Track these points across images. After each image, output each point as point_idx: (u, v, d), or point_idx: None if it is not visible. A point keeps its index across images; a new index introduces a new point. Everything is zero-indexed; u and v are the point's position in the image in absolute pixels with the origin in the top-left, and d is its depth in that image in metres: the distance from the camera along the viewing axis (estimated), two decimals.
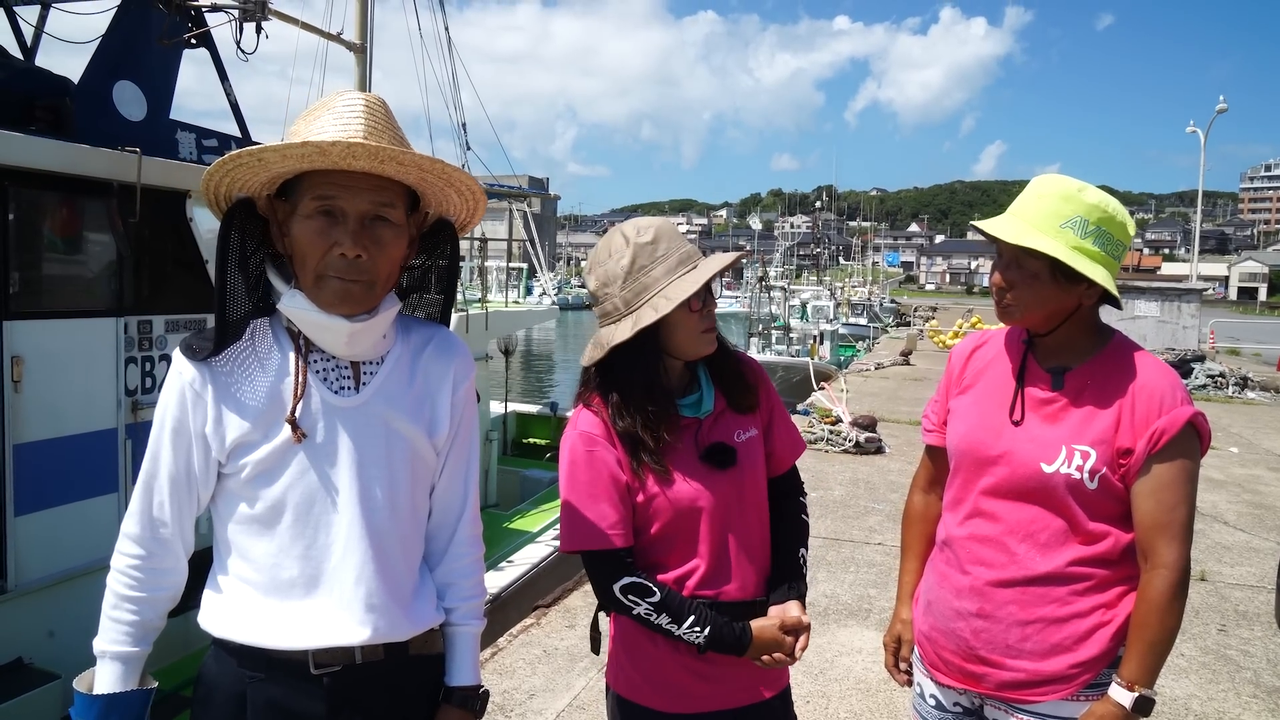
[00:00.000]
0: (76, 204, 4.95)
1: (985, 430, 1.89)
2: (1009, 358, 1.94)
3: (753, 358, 2.06)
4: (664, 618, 1.81)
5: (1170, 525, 1.72)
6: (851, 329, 37.55)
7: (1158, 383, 1.76)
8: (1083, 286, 1.78)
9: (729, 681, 1.90)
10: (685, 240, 1.87)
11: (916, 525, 2.15)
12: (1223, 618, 5.23)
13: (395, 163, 1.48)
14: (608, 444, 1.84)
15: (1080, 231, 1.75)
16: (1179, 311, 21.19)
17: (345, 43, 9.40)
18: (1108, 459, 1.75)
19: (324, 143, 1.43)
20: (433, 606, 1.66)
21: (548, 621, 4.93)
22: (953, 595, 1.91)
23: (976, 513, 1.89)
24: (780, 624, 1.86)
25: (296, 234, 1.50)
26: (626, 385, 1.84)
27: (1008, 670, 1.83)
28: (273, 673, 1.52)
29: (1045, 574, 1.80)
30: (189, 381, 1.51)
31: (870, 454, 9.67)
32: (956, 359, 2.07)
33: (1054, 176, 1.83)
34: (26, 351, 4.60)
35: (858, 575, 5.81)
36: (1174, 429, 1.71)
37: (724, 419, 1.92)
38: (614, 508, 1.83)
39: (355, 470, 1.54)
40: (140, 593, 1.54)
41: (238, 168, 1.47)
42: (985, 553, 1.86)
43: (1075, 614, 1.79)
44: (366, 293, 1.52)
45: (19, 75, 5.31)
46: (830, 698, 4.12)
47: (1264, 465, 9.76)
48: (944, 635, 1.93)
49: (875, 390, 15.23)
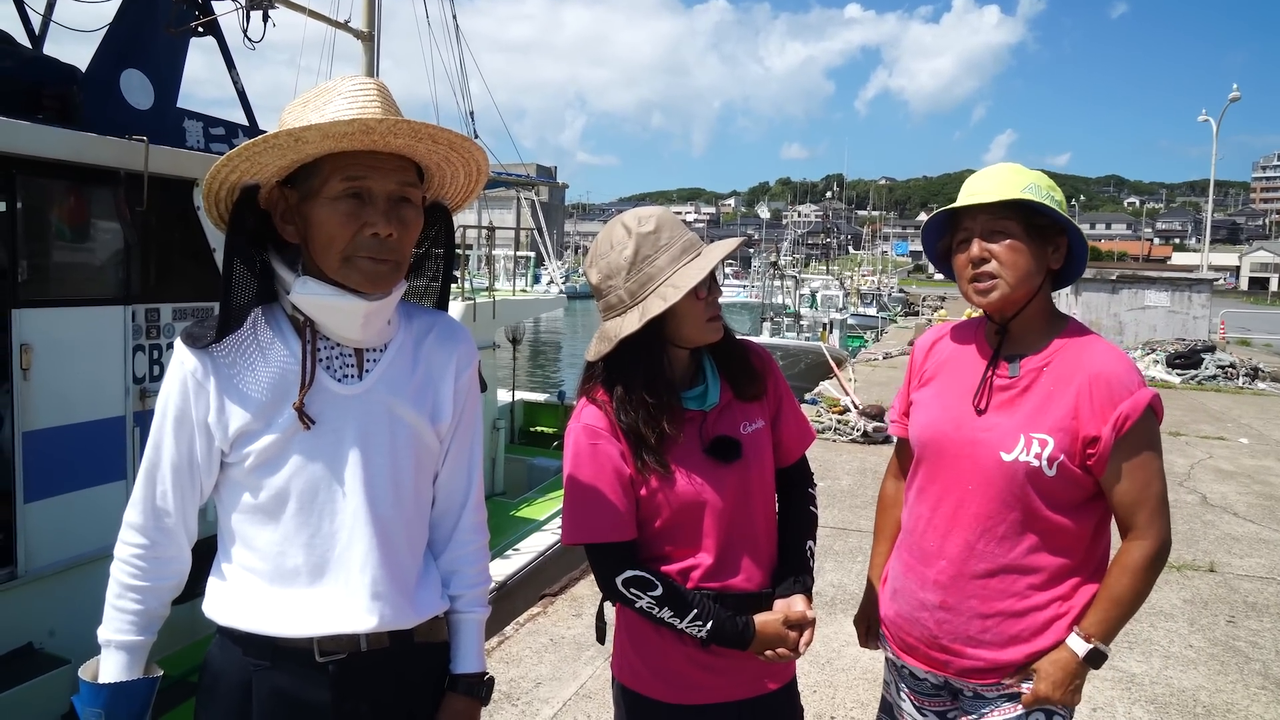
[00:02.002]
0: (84, 192, 4.96)
1: (946, 421, 1.93)
2: (969, 347, 1.99)
3: (760, 345, 2.05)
4: (666, 611, 1.80)
5: (1149, 500, 1.79)
6: (860, 319, 37.50)
7: (1114, 368, 1.80)
8: (1049, 249, 1.86)
9: (733, 673, 1.88)
10: (686, 228, 1.86)
11: (889, 511, 2.21)
12: (1231, 609, 5.21)
13: (430, 140, 1.50)
14: (611, 437, 1.83)
15: (1038, 194, 1.82)
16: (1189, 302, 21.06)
17: (353, 31, 9.40)
18: (1066, 446, 1.78)
19: (371, 119, 1.41)
20: (437, 594, 1.66)
21: (554, 610, 4.94)
22: (917, 586, 1.96)
23: (939, 503, 1.93)
24: (784, 618, 1.85)
25: (320, 217, 1.47)
26: (630, 378, 1.82)
27: (968, 659, 1.89)
28: (278, 661, 1.52)
29: (1003, 565, 1.84)
30: (191, 371, 1.51)
31: (878, 443, 9.65)
32: (919, 351, 2.12)
33: (992, 166, 1.92)
34: (35, 340, 4.63)
35: (865, 565, 5.79)
36: (1137, 413, 1.76)
37: (730, 411, 1.90)
38: (617, 501, 1.82)
39: (359, 458, 1.54)
40: (144, 581, 1.54)
41: (268, 149, 1.44)
42: (947, 544, 1.90)
43: (1033, 607, 1.84)
44: (394, 273, 1.52)
45: (27, 64, 5.32)
46: (837, 687, 4.13)
47: (1274, 456, 9.71)
48: (909, 623, 1.98)
49: (884, 380, 15.20)
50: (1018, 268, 1.83)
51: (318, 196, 1.47)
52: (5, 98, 4.86)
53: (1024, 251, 1.83)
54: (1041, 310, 1.89)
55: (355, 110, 1.46)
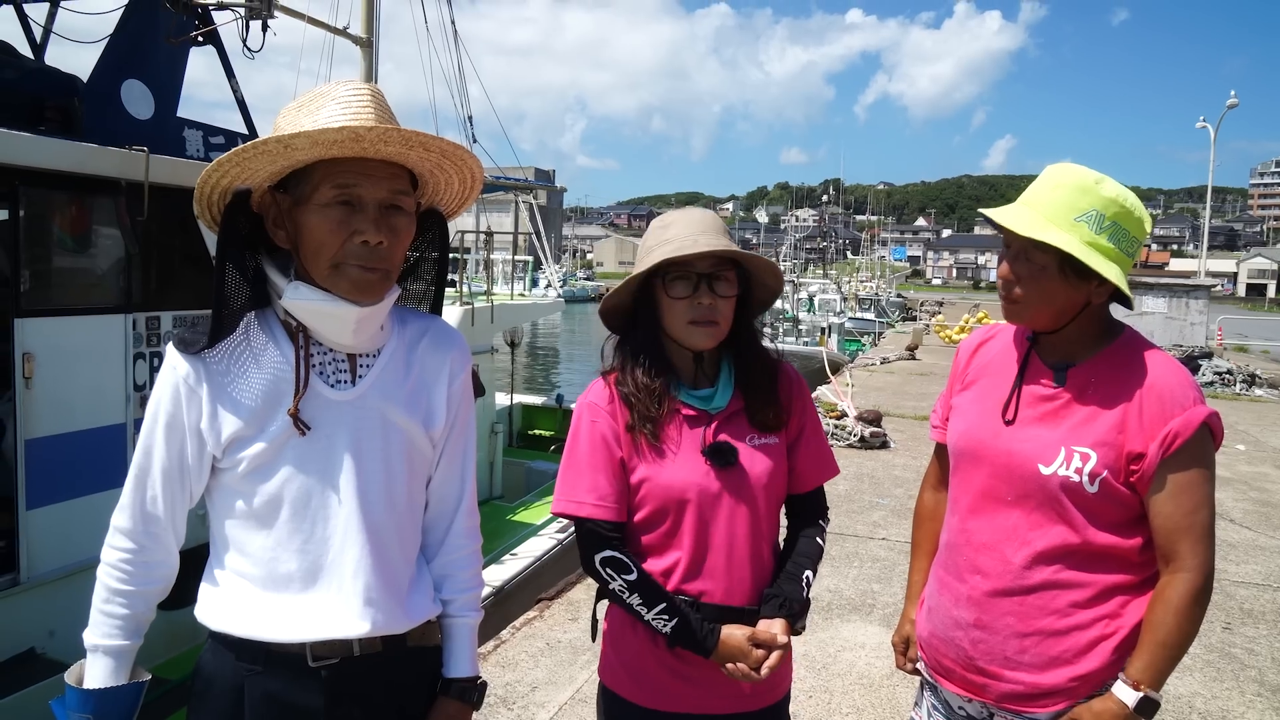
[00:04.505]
0: (85, 202, 5.00)
1: (983, 429, 1.83)
2: (1013, 353, 1.88)
3: (798, 374, 2.02)
4: (636, 598, 1.81)
5: (1192, 529, 1.64)
6: (857, 323, 37.51)
7: (1167, 382, 1.67)
8: (1093, 284, 1.70)
9: (709, 685, 1.86)
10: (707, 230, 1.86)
11: (926, 524, 2.11)
12: (1228, 616, 5.22)
13: (423, 148, 1.49)
14: (610, 416, 1.88)
15: (1095, 226, 1.67)
16: (1186, 308, 21.09)
17: (351, 37, 9.43)
18: (1110, 462, 1.67)
19: (360, 127, 1.41)
20: (430, 599, 1.67)
21: (550, 614, 4.96)
22: (951, 604, 1.87)
23: (974, 515, 1.84)
24: (751, 635, 1.81)
25: (311, 224, 1.47)
26: (632, 356, 1.90)
27: (1006, 682, 1.78)
28: (270, 666, 1.53)
29: (1042, 582, 1.74)
30: (183, 376, 1.50)
31: (875, 449, 9.66)
32: (962, 354, 2.01)
33: (1071, 166, 1.74)
34: (37, 348, 4.66)
35: (861, 570, 5.83)
36: (1188, 431, 1.63)
37: (739, 420, 1.90)
38: (607, 480, 1.85)
39: (352, 464, 1.54)
40: (131, 586, 1.55)
41: (258, 155, 1.44)
42: (982, 559, 1.81)
43: (1076, 626, 1.72)
44: (383, 281, 1.52)
45: (29, 75, 5.37)
46: (833, 693, 4.14)
47: (1271, 463, 9.72)
48: (944, 643, 1.89)
49: (881, 385, 15.22)
50: (1045, 303, 1.71)
51: (308, 203, 1.47)
52: (7, 109, 4.91)
53: (1054, 285, 1.70)
54: (1091, 319, 1.76)
55: (348, 116, 1.46)
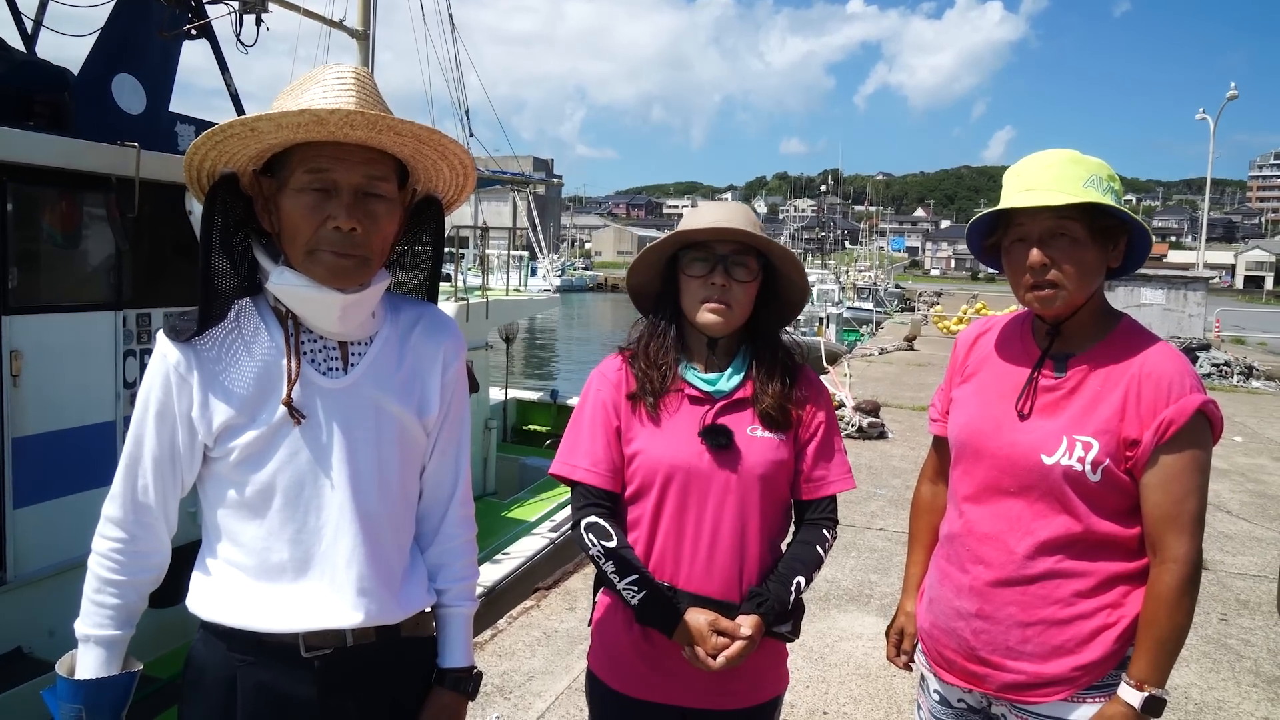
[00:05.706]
0: (75, 198, 4.96)
1: (985, 420, 1.83)
2: (1012, 344, 1.88)
3: (820, 382, 2.04)
4: (610, 565, 1.84)
5: (1179, 518, 1.65)
6: (856, 314, 37.52)
7: (1164, 369, 1.68)
8: (1110, 248, 1.74)
9: (683, 677, 1.86)
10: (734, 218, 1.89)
11: (924, 516, 2.11)
12: (1224, 607, 5.24)
13: (392, 132, 1.46)
14: (614, 387, 1.94)
15: (1101, 188, 1.70)
16: (1185, 300, 21.09)
17: (347, 29, 9.38)
18: (1111, 450, 1.68)
19: (321, 110, 1.39)
20: (424, 589, 1.65)
21: (548, 604, 4.95)
22: (953, 594, 1.87)
23: (976, 506, 1.84)
24: (713, 622, 1.80)
25: (287, 208, 1.46)
26: (649, 332, 1.99)
27: (1008, 672, 1.78)
28: (263, 656, 1.51)
29: (1044, 571, 1.74)
30: (174, 365, 1.49)
31: (873, 439, 9.68)
32: (960, 346, 2.02)
33: (1046, 151, 1.79)
34: (25, 346, 4.63)
35: (859, 560, 5.83)
36: (1182, 418, 1.64)
37: (745, 410, 1.90)
38: (602, 448, 1.90)
39: (345, 453, 1.53)
40: (122, 576, 1.53)
41: (228, 139, 1.43)
42: (984, 550, 1.81)
43: (1079, 615, 1.72)
44: (360, 268, 1.49)
45: (18, 69, 5.31)
46: (830, 683, 4.14)
47: (1268, 455, 9.75)
48: (945, 634, 1.89)
49: (879, 375, 15.22)
50: (1083, 275, 1.71)
51: (285, 187, 1.47)
52: None
53: (1091, 257, 1.71)
54: (1094, 308, 1.78)
55: (329, 100, 1.44)
